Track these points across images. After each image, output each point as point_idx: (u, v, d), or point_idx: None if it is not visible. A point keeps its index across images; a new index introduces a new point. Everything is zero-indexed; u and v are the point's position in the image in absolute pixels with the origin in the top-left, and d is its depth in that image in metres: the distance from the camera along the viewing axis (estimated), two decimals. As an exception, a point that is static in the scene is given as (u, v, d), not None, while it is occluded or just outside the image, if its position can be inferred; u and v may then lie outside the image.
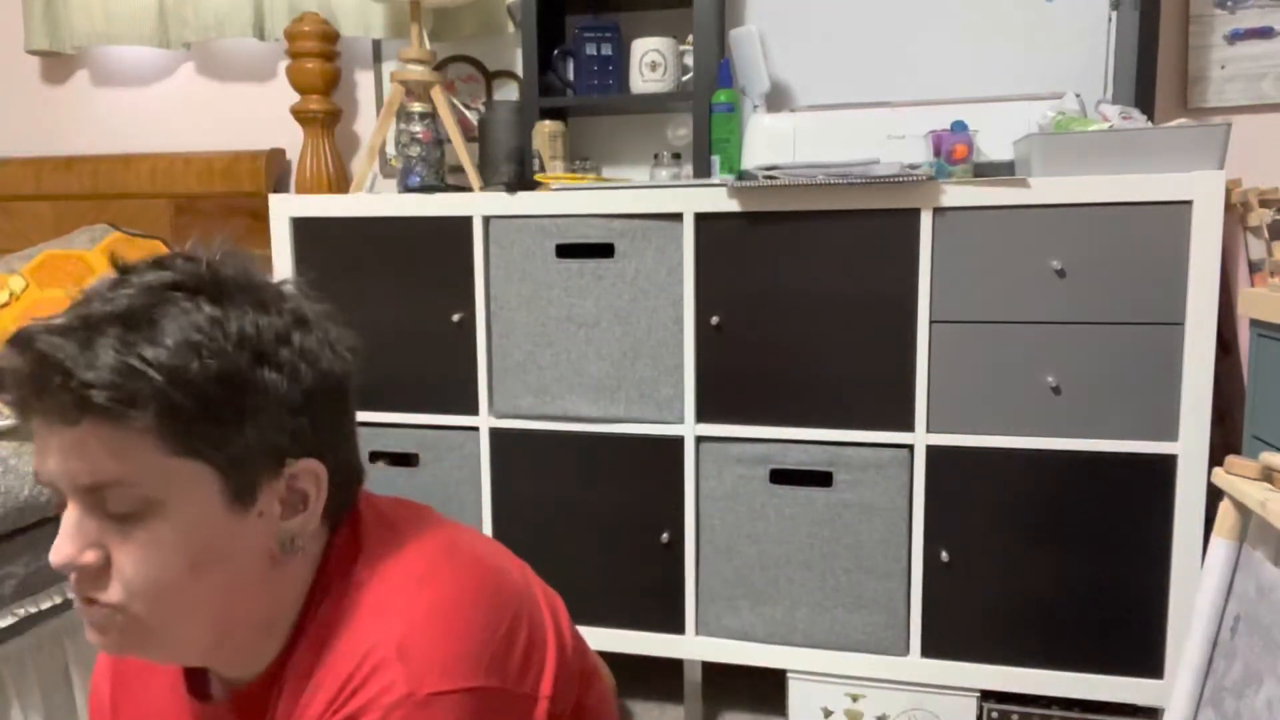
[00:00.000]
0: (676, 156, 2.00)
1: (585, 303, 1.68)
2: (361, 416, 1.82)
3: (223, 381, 0.61)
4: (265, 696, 0.70)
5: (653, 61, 1.89)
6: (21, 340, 0.59)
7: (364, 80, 2.30)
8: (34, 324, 0.60)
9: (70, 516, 0.62)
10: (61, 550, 0.61)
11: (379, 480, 1.83)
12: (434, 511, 0.79)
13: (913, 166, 1.53)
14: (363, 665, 0.63)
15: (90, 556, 0.61)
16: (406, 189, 1.86)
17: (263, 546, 0.65)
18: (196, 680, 0.76)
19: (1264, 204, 1.63)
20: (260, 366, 0.63)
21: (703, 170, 1.87)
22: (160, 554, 0.61)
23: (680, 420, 1.67)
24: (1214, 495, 1.21)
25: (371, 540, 0.72)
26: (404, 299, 1.78)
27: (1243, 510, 1.02)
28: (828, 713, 1.68)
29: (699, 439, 1.67)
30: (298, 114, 2.13)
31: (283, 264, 1.83)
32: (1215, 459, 1.48)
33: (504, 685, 0.67)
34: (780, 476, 1.63)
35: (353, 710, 0.62)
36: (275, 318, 0.66)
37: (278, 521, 0.66)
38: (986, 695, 1.62)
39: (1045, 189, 1.47)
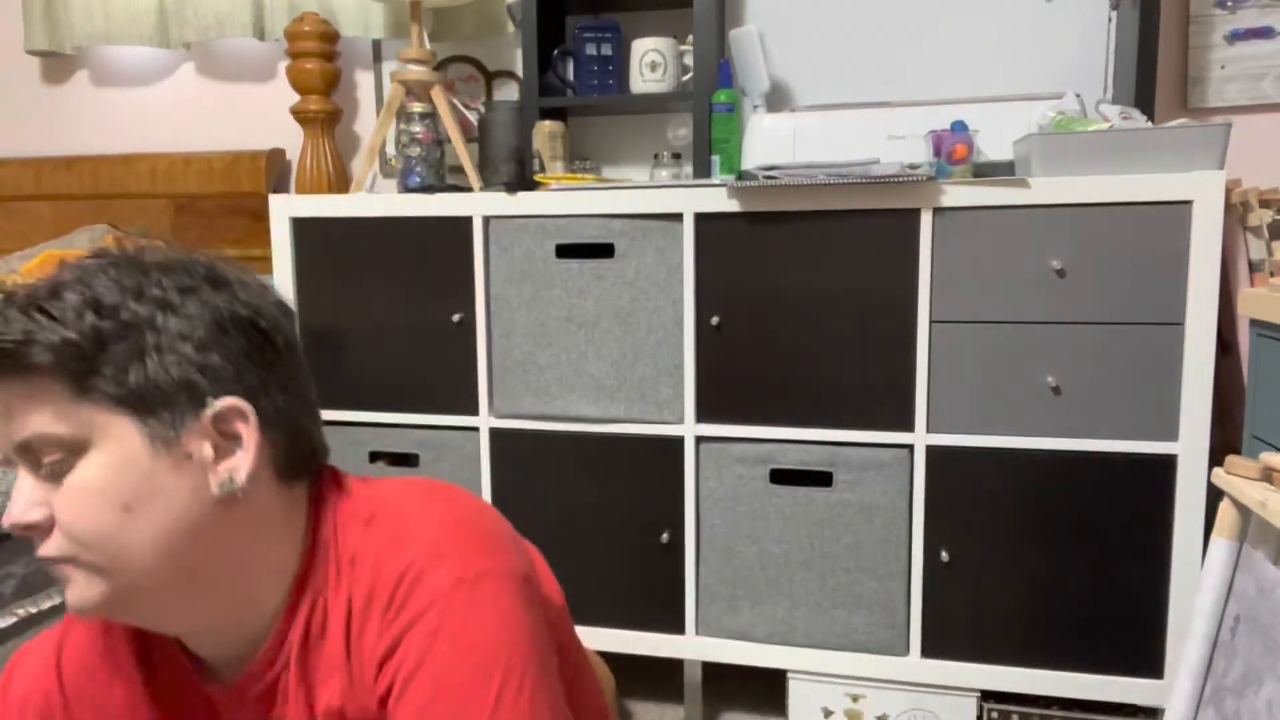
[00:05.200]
0: (676, 156, 2.00)
1: (585, 303, 1.68)
2: (361, 416, 1.82)
3: (118, 321, 0.63)
4: (274, 660, 0.71)
5: (653, 61, 1.89)
6: None
7: (364, 80, 2.30)
8: None
9: (19, 479, 0.65)
10: (10, 512, 0.63)
11: (379, 480, 1.83)
12: None
13: (913, 166, 1.53)
14: (404, 580, 0.66)
15: (36, 514, 0.63)
16: (406, 189, 1.86)
17: (202, 490, 0.66)
18: (199, 671, 0.76)
19: (1264, 204, 1.63)
20: (162, 313, 0.65)
21: (703, 170, 1.87)
22: (90, 497, 0.63)
23: (680, 420, 1.67)
24: (1214, 495, 1.21)
25: (358, 489, 0.75)
26: (404, 299, 1.78)
27: (1243, 510, 1.02)
28: (828, 713, 1.68)
29: (699, 439, 1.67)
30: (298, 114, 2.13)
31: (283, 264, 1.83)
32: (1215, 459, 1.48)
33: (530, 573, 0.71)
34: (780, 476, 1.63)
35: (412, 612, 0.66)
36: (183, 276, 0.67)
37: (211, 464, 0.66)
38: (986, 695, 1.62)
39: (1045, 189, 1.47)
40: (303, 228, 1.82)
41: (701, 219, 1.61)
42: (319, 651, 0.70)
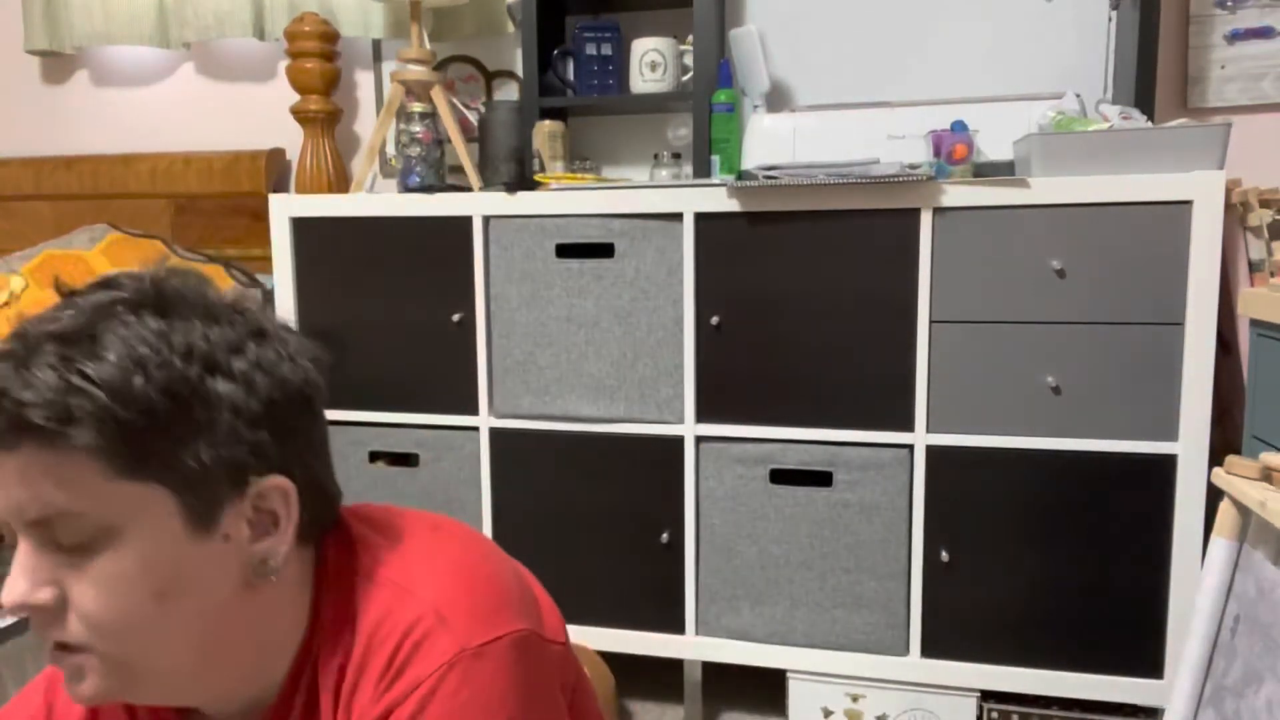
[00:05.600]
0: (676, 156, 2.00)
1: (585, 303, 1.68)
2: (361, 416, 1.82)
3: (170, 394, 0.57)
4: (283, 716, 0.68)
5: (653, 61, 1.89)
6: None
7: (364, 80, 2.30)
8: None
9: (22, 553, 0.57)
10: (14, 590, 0.56)
11: (379, 480, 1.83)
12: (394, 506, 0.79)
13: (913, 166, 1.53)
14: (406, 642, 0.62)
15: (45, 595, 0.57)
16: (406, 189, 1.86)
17: (234, 572, 0.62)
18: None
19: (1264, 204, 1.63)
20: (211, 377, 0.59)
21: (703, 170, 1.87)
22: (119, 586, 0.57)
23: (680, 420, 1.67)
24: (1214, 495, 1.21)
25: (361, 537, 0.71)
26: (404, 299, 1.78)
27: (1243, 510, 1.02)
28: (828, 713, 1.68)
29: (699, 439, 1.67)
30: (298, 114, 2.13)
31: (283, 264, 1.83)
32: (1215, 459, 1.48)
33: (533, 628, 0.67)
34: (780, 476, 1.63)
35: (410, 680, 0.61)
36: (227, 328, 0.61)
37: (247, 545, 0.62)
38: (986, 695, 1.62)
39: (1045, 189, 1.47)
40: (302, 228, 1.82)
41: (701, 219, 1.61)
42: (318, 713, 0.67)
